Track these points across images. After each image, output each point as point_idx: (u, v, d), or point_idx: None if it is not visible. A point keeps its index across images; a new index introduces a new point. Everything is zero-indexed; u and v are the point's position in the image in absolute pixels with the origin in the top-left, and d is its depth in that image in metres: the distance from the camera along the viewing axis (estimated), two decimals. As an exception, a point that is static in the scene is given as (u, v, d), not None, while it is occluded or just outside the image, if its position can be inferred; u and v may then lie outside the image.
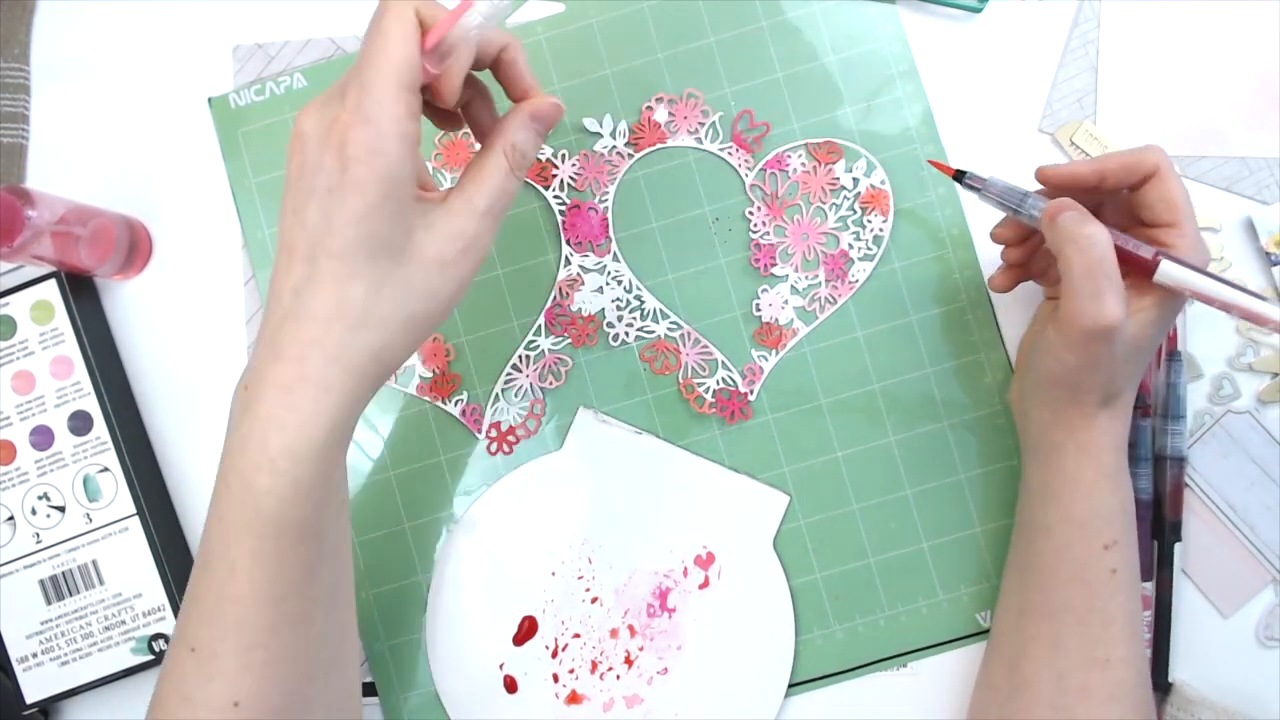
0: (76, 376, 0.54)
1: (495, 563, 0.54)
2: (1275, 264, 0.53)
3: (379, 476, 0.55)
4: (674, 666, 0.53)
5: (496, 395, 0.55)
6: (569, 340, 0.55)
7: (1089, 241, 0.42)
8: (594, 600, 0.54)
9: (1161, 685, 0.52)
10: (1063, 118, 0.55)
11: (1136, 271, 0.44)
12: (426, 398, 0.55)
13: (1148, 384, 0.53)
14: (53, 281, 0.54)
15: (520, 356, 0.55)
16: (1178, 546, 0.52)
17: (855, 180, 0.54)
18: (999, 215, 0.50)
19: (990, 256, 0.54)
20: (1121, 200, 0.47)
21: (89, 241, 0.52)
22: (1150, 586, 0.52)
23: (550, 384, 0.55)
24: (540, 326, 0.55)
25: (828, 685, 0.54)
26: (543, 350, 0.55)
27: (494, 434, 0.55)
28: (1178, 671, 0.52)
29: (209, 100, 0.56)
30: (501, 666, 0.54)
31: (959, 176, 0.47)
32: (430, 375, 0.55)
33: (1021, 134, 0.55)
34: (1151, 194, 0.44)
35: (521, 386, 0.55)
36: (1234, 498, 0.53)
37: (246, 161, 0.56)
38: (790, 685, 0.53)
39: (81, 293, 0.55)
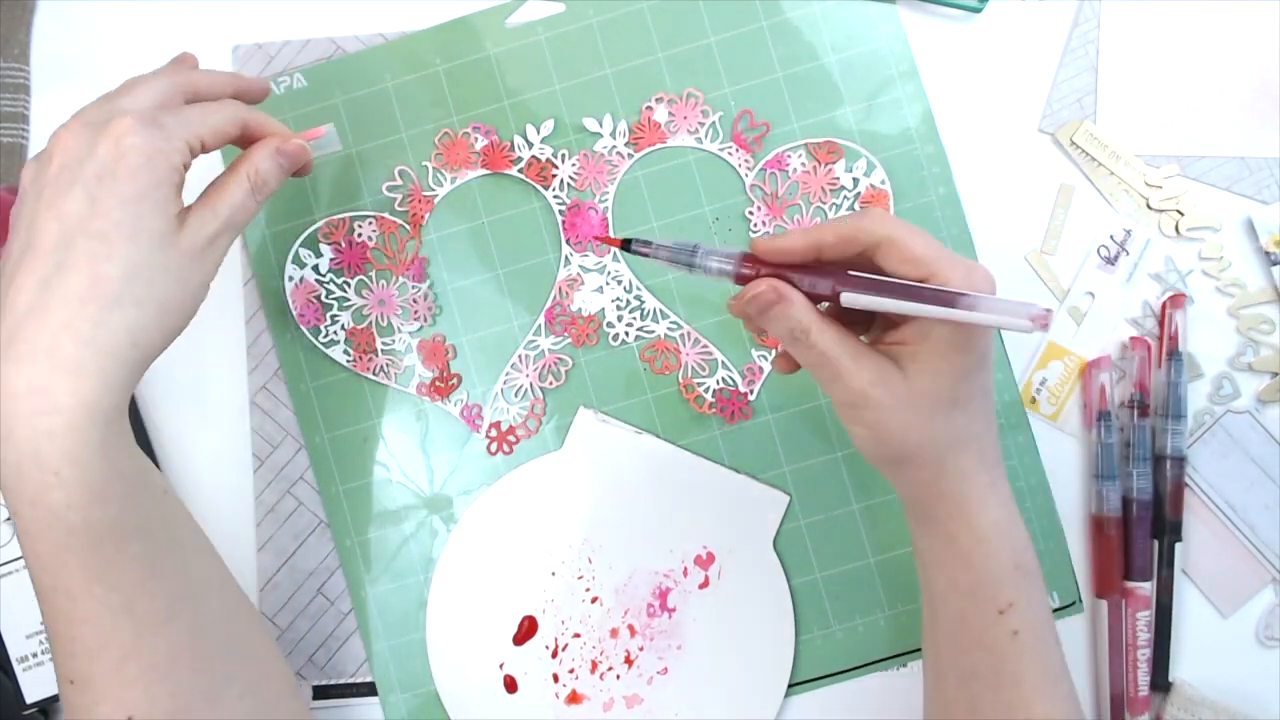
0: (76, 376, 0.54)
1: (495, 563, 0.54)
2: (1275, 264, 0.54)
3: (378, 476, 0.55)
4: (674, 666, 0.53)
5: (496, 395, 0.55)
6: (569, 340, 0.55)
7: (797, 335, 0.40)
8: (594, 600, 0.54)
9: (1161, 685, 0.52)
10: (1063, 118, 0.55)
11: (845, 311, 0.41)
12: (426, 397, 0.55)
13: (1146, 384, 0.53)
14: (53, 281, 0.54)
15: (520, 356, 0.55)
16: (1177, 546, 0.52)
17: (855, 180, 0.54)
18: (1002, 213, 0.50)
19: (990, 256, 0.54)
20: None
21: (89, 241, 0.52)
22: (1150, 586, 0.52)
23: (550, 384, 0.55)
24: (540, 326, 0.55)
25: (828, 685, 0.54)
26: (543, 350, 0.55)
27: (494, 434, 0.55)
28: (1178, 671, 0.52)
29: (209, 100, 0.56)
30: (501, 666, 0.54)
31: (626, 245, 0.43)
32: (430, 375, 0.55)
33: (1021, 134, 0.55)
34: (891, 261, 0.39)
35: (521, 386, 0.55)
36: (1234, 498, 0.53)
37: (246, 161, 0.56)
38: (790, 685, 0.53)
39: (81, 293, 0.55)
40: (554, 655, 0.54)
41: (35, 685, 0.53)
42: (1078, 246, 0.55)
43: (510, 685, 0.54)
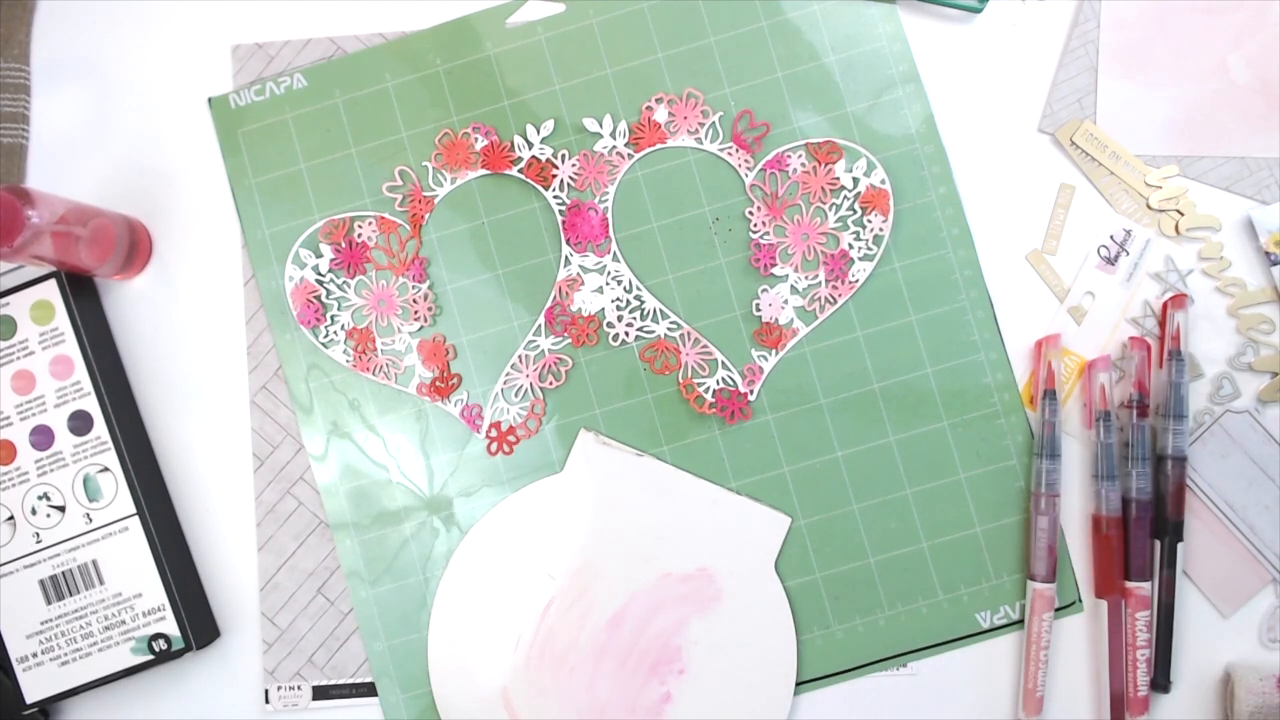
0: (76, 376, 0.54)
1: (496, 586, 0.54)
2: (1275, 264, 0.54)
3: (379, 476, 0.55)
4: (676, 690, 0.53)
5: (496, 395, 0.55)
6: (569, 340, 0.55)
7: None
8: (595, 623, 0.54)
9: (1162, 685, 0.52)
10: (1063, 118, 0.55)
11: None
12: (426, 397, 0.55)
13: (1146, 384, 0.53)
14: (53, 281, 0.54)
15: (520, 356, 0.55)
16: (1179, 546, 0.52)
17: (855, 180, 0.54)
18: (1002, 213, 0.50)
19: (990, 256, 0.54)
20: None
21: (89, 241, 0.52)
22: (1150, 586, 0.52)
23: (550, 384, 0.55)
24: (540, 326, 0.55)
25: (828, 685, 0.54)
26: (543, 350, 0.55)
27: (494, 434, 0.55)
28: (1178, 671, 0.52)
29: (209, 100, 0.56)
30: (504, 690, 0.54)
31: None
32: (430, 375, 0.55)
33: (1021, 134, 0.55)
34: None
35: (521, 386, 0.55)
36: (1234, 498, 0.53)
37: (246, 161, 0.56)
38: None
39: (81, 293, 0.55)
40: (556, 680, 0.53)
41: (35, 685, 0.53)
42: (1078, 246, 0.55)
43: (512, 709, 0.53)
